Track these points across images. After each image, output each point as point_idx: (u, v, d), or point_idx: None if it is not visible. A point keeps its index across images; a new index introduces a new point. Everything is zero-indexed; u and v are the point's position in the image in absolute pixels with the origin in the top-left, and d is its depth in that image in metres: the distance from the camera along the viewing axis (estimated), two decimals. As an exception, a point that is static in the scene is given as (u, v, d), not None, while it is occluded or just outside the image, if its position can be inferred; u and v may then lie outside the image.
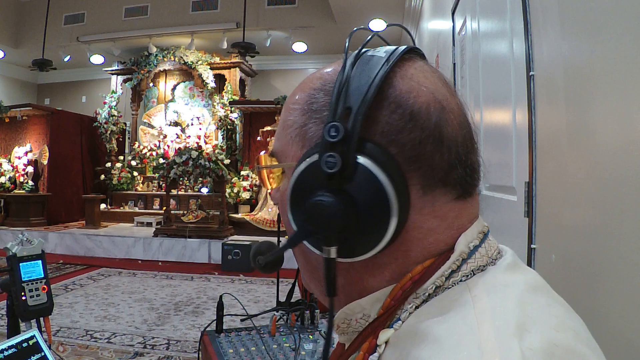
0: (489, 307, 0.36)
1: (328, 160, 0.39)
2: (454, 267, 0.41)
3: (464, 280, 0.40)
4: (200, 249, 6.31)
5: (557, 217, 1.20)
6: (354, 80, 0.41)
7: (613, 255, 0.87)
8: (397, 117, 0.40)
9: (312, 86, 0.46)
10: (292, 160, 0.45)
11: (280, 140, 0.47)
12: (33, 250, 1.40)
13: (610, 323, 0.87)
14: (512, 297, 0.37)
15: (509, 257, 0.43)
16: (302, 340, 1.68)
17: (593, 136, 0.98)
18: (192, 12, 7.99)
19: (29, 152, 7.93)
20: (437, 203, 0.42)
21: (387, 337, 0.40)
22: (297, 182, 0.42)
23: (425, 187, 0.41)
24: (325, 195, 0.39)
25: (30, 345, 1.14)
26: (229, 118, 8.21)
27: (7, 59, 8.88)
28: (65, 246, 6.61)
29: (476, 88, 2.16)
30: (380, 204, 0.39)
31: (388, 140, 0.40)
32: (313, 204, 0.39)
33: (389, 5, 6.25)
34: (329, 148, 0.39)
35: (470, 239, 0.42)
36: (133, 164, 8.68)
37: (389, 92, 0.41)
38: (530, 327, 0.34)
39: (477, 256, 0.42)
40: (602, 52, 0.92)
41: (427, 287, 0.40)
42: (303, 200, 0.40)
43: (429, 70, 0.45)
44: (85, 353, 3.05)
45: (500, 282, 0.40)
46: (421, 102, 0.41)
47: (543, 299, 0.39)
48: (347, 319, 0.45)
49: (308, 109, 0.45)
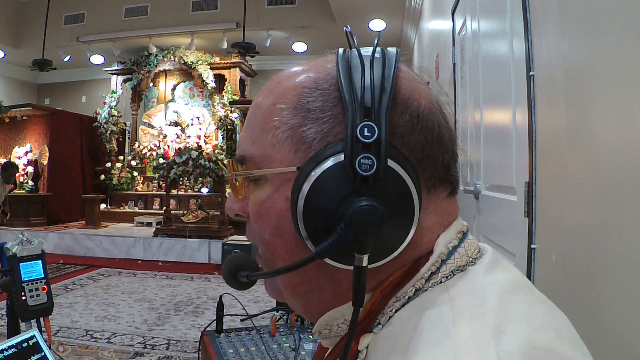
0: (466, 307, 0.36)
1: (364, 162, 0.36)
2: (434, 269, 0.40)
3: (443, 282, 0.39)
4: (200, 249, 6.31)
5: (557, 217, 1.20)
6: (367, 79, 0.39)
7: (613, 255, 0.87)
8: (406, 118, 0.40)
9: (302, 85, 0.42)
10: (280, 165, 0.41)
11: (259, 143, 0.43)
12: (33, 250, 1.40)
13: (610, 323, 0.87)
14: (491, 297, 0.37)
15: (488, 256, 0.42)
16: (302, 340, 1.68)
17: (593, 136, 0.97)
18: (192, 12, 7.99)
19: (29, 152, 7.93)
20: (438, 199, 0.42)
21: (368, 341, 0.40)
22: (314, 187, 0.38)
23: (431, 186, 0.41)
24: (366, 199, 0.36)
25: (30, 345, 1.14)
26: (229, 118, 8.21)
27: (7, 59, 8.88)
28: (65, 246, 6.61)
29: (476, 88, 2.16)
30: (406, 207, 0.38)
31: (400, 142, 0.39)
32: (359, 209, 0.35)
33: (389, 5, 6.25)
34: (364, 149, 0.36)
35: (448, 240, 0.42)
36: (133, 164, 8.68)
37: (396, 93, 0.40)
38: (507, 328, 0.34)
39: (457, 256, 0.41)
40: (602, 52, 0.92)
41: (407, 290, 0.40)
42: (324, 207, 0.37)
43: (415, 72, 0.45)
44: (85, 353, 3.05)
45: (480, 281, 0.39)
46: (425, 104, 0.41)
47: (523, 298, 0.38)
48: (329, 325, 0.44)
49: (302, 108, 0.41)
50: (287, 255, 0.43)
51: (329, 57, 0.44)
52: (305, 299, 0.44)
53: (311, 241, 0.39)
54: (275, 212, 0.42)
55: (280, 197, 0.42)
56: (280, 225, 0.42)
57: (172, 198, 7.52)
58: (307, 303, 0.44)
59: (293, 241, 0.42)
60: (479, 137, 2.09)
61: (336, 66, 0.41)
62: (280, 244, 0.43)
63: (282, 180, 0.41)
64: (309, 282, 0.43)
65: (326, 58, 0.45)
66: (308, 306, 0.45)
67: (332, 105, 0.40)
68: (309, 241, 0.39)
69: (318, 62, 0.44)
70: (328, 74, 0.42)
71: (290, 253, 0.42)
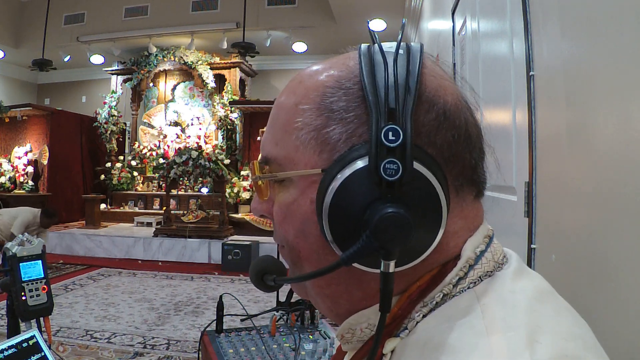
0: (498, 317, 0.36)
1: (389, 167, 0.35)
2: (461, 274, 0.39)
3: (472, 287, 0.39)
4: (200, 249, 6.31)
5: (557, 217, 1.20)
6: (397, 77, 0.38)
7: (613, 255, 0.87)
8: (432, 116, 0.39)
9: (325, 84, 0.41)
10: (305, 168, 0.41)
11: (283, 145, 0.42)
12: (33, 250, 1.40)
13: (610, 323, 0.87)
14: (521, 306, 0.37)
15: (514, 262, 0.42)
16: (302, 340, 1.68)
17: (593, 136, 0.97)
18: (192, 12, 7.99)
19: (29, 152, 7.93)
20: (464, 203, 0.41)
21: (394, 346, 0.39)
22: (340, 191, 0.37)
23: (458, 187, 0.40)
24: (392, 205, 0.35)
25: (30, 345, 1.14)
26: (229, 118, 8.21)
27: (7, 59, 8.88)
28: (65, 246, 6.61)
29: (476, 88, 2.15)
30: (434, 210, 0.37)
31: (427, 142, 0.38)
32: (386, 216, 0.34)
33: (389, 5, 6.25)
34: (388, 154, 0.35)
35: (476, 244, 0.41)
36: (133, 164, 8.68)
37: (422, 91, 0.39)
38: (540, 337, 0.34)
39: (484, 261, 0.40)
40: (602, 52, 0.92)
41: (435, 295, 0.39)
42: (350, 212, 0.36)
43: (440, 67, 0.44)
44: (85, 353, 3.05)
45: (509, 289, 0.39)
46: (451, 101, 0.40)
47: (551, 307, 0.38)
48: (352, 329, 0.43)
49: (325, 109, 0.40)
50: (313, 257, 0.42)
51: (351, 54, 0.43)
52: (332, 301, 0.44)
53: (337, 244, 0.38)
54: (300, 214, 0.42)
55: (305, 199, 0.41)
56: (305, 228, 0.42)
57: (172, 198, 7.52)
58: (334, 305, 0.44)
59: (318, 243, 0.41)
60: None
61: (359, 64, 0.39)
62: (306, 246, 0.42)
63: (307, 182, 0.41)
64: (336, 284, 0.42)
65: (348, 55, 0.43)
66: (334, 307, 0.44)
67: (356, 105, 0.39)
68: (335, 244, 0.38)
69: (340, 59, 0.43)
70: (351, 72, 0.41)
71: (316, 255, 0.42)
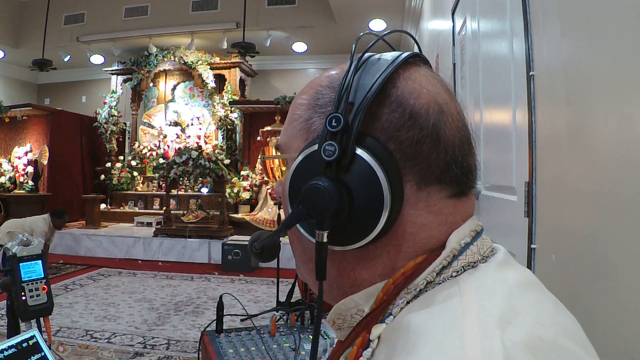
0: (475, 300, 0.37)
1: (327, 149, 0.41)
2: (445, 263, 0.41)
3: (454, 276, 0.41)
4: (200, 249, 6.31)
5: (557, 217, 1.20)
6: (359, 79, 0.43)
7: (613, 255, 0.87)
8: (397, 115, 0.42)
9: (320, 84, 0.48)
10: (295, 152, 0.47)
11: (286, 134, 0.50)
12: (33, 250, 1.40)
13: (610, 323, 0.87)
14: (500, 292, 0.38)
15: (500, 255, 0.44)
16: (302, 340, 1.68)
17: (593, 136, 0.98)
18: (192, 12, 7.99)
19: (29, 152, 7.92)
20: (431, 199, 0.43)
21: (380, 332, 0.41)
22: (296, 170, 0.44)
23: (421, 183, 0.43)
24: (321, 180, 0.41)
25: (30, 345, 1.14)
26: (229, 118, 8.21)
27: (7, 59, 8.88)
28: (65, 246, 6.61)
29: (476, 88, 2.16)
30: (374, 194, 0.40)
31: (387, 137, 0.42)
32: (308, 187, 0.41)
33: (389, 5, 6.25)
34: (329, 137, 0.41)
35: (461, 236, 0.43)
36: (133, 164, 8.67)
37: (392, 92, 0.43)
38: (514, 320, 0.35)
39: (469, 253, 0.42)
40: (602, 52, 0.92)
41: (419, 283, 0.41)
42: (300, 188, 0.42)
43: (432, 75, 0.47)
44: (85, 353, 3.05)
45: (490, 278, 0.40)
46: (421, 104, 0.43)
47: (533, 296, 0.40)
48: (342, 315, 0.46)
49: (314, 104, 0.47)
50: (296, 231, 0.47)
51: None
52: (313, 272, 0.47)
53: None
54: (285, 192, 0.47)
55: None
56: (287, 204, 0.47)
57: (172, 198, 7.52)
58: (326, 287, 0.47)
59: None
60: (479, 137, 2.09)
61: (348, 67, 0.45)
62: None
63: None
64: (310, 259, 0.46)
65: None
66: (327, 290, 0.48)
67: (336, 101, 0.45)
68: None
69: (344, 65, 0.48)
70: (343, 73, 0.46)
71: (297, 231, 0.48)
